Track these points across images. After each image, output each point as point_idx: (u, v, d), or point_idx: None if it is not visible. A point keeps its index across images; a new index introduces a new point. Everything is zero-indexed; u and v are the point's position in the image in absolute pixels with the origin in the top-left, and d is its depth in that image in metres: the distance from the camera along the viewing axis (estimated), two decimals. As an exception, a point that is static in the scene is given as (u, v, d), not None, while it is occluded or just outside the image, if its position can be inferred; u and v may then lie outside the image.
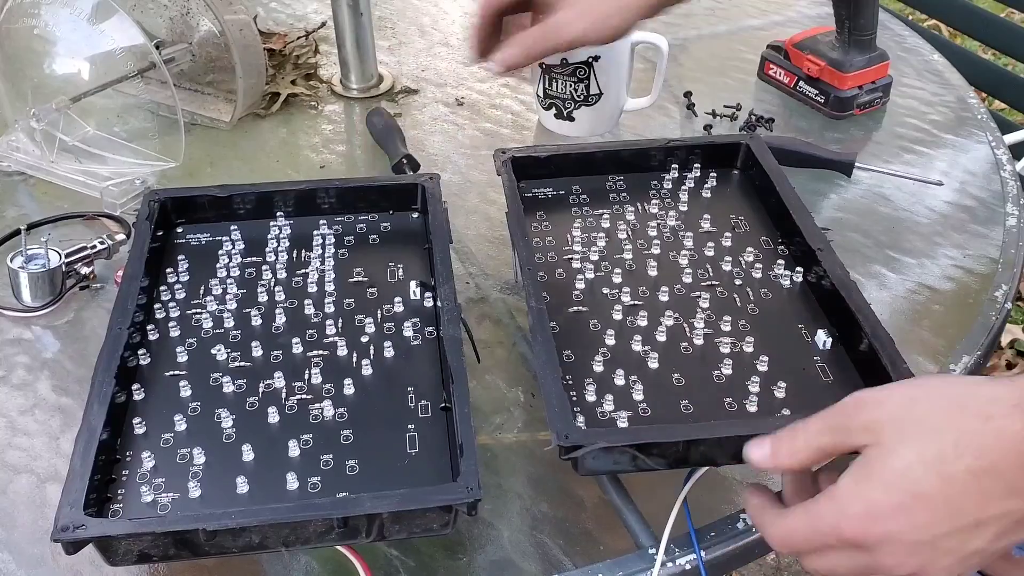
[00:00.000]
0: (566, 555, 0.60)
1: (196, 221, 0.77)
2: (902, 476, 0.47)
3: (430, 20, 1.22)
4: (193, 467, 0.58)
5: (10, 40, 0.92)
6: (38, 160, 0.92)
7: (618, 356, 0.64)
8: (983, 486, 0.46)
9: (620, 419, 0.60)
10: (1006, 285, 0.81)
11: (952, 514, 0.46)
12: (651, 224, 0.75)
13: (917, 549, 0.47)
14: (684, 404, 0.61)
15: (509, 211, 0.74)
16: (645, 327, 0.66)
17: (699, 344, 0.65)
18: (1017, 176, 0.94)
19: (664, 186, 0.80)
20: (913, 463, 0.47)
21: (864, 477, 0.48)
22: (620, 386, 0.62)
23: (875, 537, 0.47)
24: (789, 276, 0.70)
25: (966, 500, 0.46)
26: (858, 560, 0.48)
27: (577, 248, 0.73)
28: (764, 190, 0.78)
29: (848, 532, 0.48)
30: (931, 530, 0.47)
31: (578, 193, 0.79)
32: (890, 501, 0.47)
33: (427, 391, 0.63)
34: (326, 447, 0.59)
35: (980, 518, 0.47)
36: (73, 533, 0.51)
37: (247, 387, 0.63)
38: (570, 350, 0.64)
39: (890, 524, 0.47)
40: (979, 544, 0.47)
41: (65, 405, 0.70)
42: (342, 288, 0.71)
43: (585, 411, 0.60)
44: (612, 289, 0.70)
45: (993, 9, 1.83)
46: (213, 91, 1.04)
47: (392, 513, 0.53)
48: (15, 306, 0.77)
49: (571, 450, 0.55)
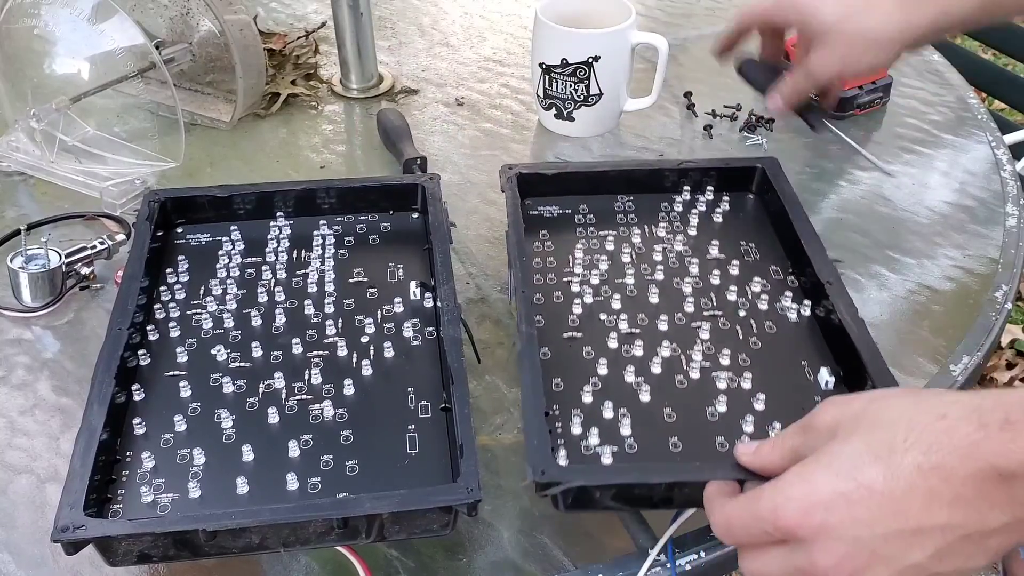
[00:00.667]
0: (566, 556, 0.60)
1: (196, 221, 0.77)
2: (847, 462, 0.45)
3: (430, 20, 1.22)
4: (193, 467, 0.58)
5: (10, 40, 0.92)
6: (38, 160, 0.92)
7: (609, 387, 0.62)
8: (929, 485, 0.44)
9: (604, 455, 0.57)
10: (1006, 285, 0.81)
11: (895, 513, 0.44)
12: (657, 248, 0.73)
13: (855, 550, 0.45)
14: (673, 442, 0.58)
15: (509, 230, 0.72)
16: (640, 357, 0.64)
17: (695, 378, 0.63)
18: (1017, 176, 0.94)
19: (675, 208, 0.78)
20: (861, 451, 0.45)
21: (811, 462, 0.47)
22: (608, 419, 0.60)
23: (812, 528, 0.45)
24: (796, 309, 0.68)
25: (910, 499, 0.44)
26: (792, 559, 0.46)
27: (578, 270, 0.71)
28: (777, 216, 0.76)
29: (784, 518, 0.46)
30: (871, 528, 0.44)
31: (584, 213, 0.77)
32: (832, 487, 0.45)
33: (427, 392, 0.63)
34: (326, 448, 0.59)
35: (923, 524, 0.44)
36: (73, 534, 0.51)
37: (247, 387, 0.63)
38: (560, 378, 0.63)
39: (829, 515, 0.45)
40: (919, 557, 0.45)
41: (65, 405, 0.70)
42: (342, 288, 0.71)
43: (569, 444, 0.58)
44: (610, 315, 0.68)
45: (993, 9, 1.82)
46: (213, 91, 1.04)
47: (392, 514, 0.53)
48: (15, 306, 0.77)
49: (547, 486, 0.53)
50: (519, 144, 0.99)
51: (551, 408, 0.60)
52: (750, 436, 0.58)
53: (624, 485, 0.54)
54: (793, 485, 0.47)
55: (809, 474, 0.46)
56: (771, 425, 0.59)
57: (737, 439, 0.58)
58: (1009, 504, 0.44)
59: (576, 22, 0.94)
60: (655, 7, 1.24)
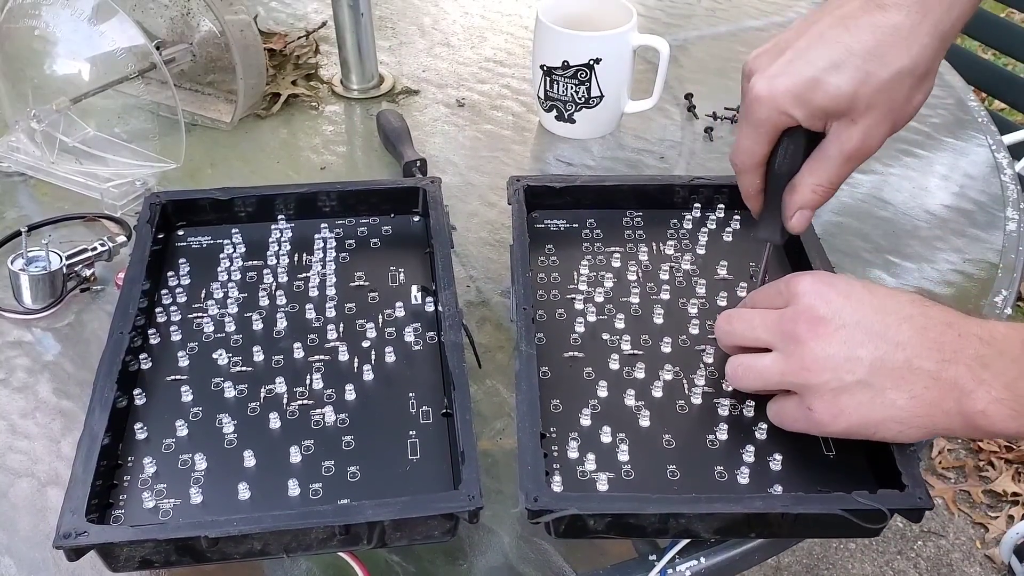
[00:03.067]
0: (567, 561, 0.60)
1: (197, 224, 0.77)
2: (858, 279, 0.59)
3: (431, 20, 1.22)
4: (195, 473, 0.58)
5: (10, 40, 0.92)
6: (38, 161, 0.92)
7: (608, 410, 0.61)
8: (910, 311, 0.55)
9: (600, 481, 0.57)
10: (1006, 290, 0.81)
11: (873, 311, 0.55)
12: (664, 267, 0.72)
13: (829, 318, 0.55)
14: (671, 470, 0.58)
15: (514, 244, 0.71)
16: (642, 380, 0.63)
17: (696, 404, 0.62)
18: (1017, 180, 0.94)
19: (684, 225, 0.76)
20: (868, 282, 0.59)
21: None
22: (606, 444, 0.59)
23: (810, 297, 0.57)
24: None
25: (889, 311, 0.55)
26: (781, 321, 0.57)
27: (582, 287, 0.70)
28: (789, 237, 0.72)
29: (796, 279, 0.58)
30: (852, 314, 0.55)
31: (592, 227, 0.76)
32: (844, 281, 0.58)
33: (428, 397, 0.63)
34: (327, 453, 0.59)
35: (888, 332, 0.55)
36: (75, 540, 0.51)
37: (248, 392, 0.63)
38: (558, 399, 0.62)
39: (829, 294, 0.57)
40: (865, 353, 0.54)
41: (66, 408, 0.70)
42: (343, 292, 0.71)
43: (564, 469, 0.57)
44: (613, 335, 0.66)
45: (993, 9, 1.83)
46: (213, 91, 1.04)
47: (394, 520, 0.53)
48: (16, 308, 0.77)
49: (540, 514, 0.53)
50: (519, 146, 0.99)
51: (548, 431, 0.59)
52: (749, 467, 0.58)
53: (618, 515, 0.54)
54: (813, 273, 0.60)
55: (832, 276, 0.60)
56: (772, 456, 0.58)
57: (736, 469, 0.58)
58: (949, 358, 0.53)
59: (577, 24, 0.94)
60: (656, 8, 1.24)
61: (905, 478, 0.55)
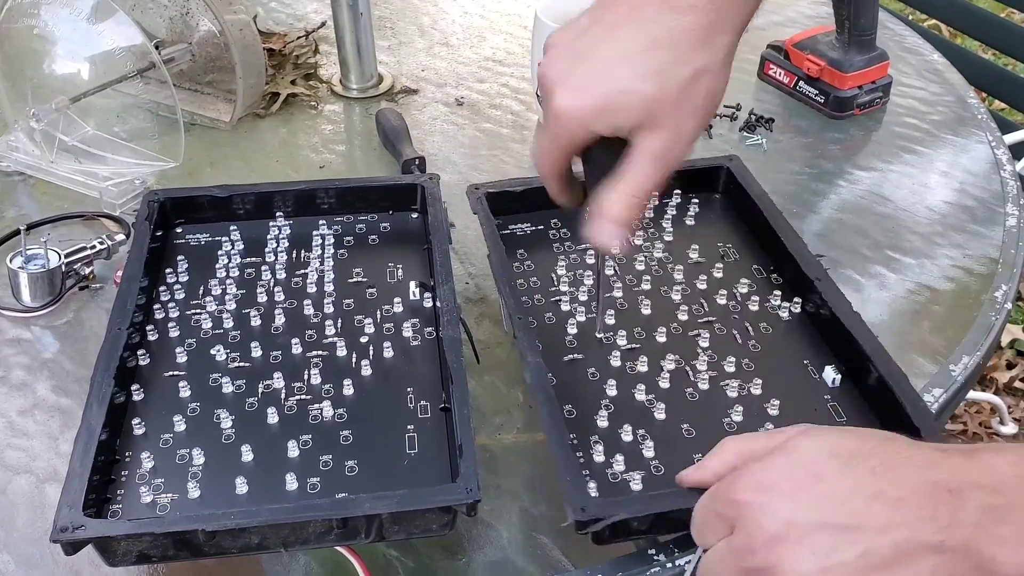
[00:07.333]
0: (565, 556, 0.60)
1: (196, 221, 0.77)
2: (808, 455, 0.46)
3: (430, 20, 1.22)
4: (192, 468, 0.58)
5: (10, 40, 0.92)
6: (38, 160, 0.92)
7: (622, 408, 0.61)
8: (878, 486, 0.44)
9: (633, 481, 0.56)
10: (1006, 285, 0.81)
11: (835, 504, 0.45)
12: (638, 257, 0.72)
13: (786, 532, 0.44)
14: (697, 457, 0.56)
15: (491, 253, 0.70)
16: (646, 373, 0.63)
17: (704, 389, 0.62)
18: (1017, 176, 0.94)
19: (646, 214, 0.77)
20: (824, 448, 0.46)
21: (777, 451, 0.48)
22: (628, 442, 0.59)
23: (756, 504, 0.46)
24: (788, 308, 0.68)
25: (855, 496, 0.44)
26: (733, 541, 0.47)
27: (564, 288, 0.70)
28: (749, 215, 0.75)
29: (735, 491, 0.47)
30: (807, 515, 0.45)
31: (557, 227, 0.76)
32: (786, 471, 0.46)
33: (426, 392, 0.63)
34: (325, 448, 0.59)
35: (859, 521, 0.44)
36: (72, 534, 0.51)
37: (246, 387, 0.63)
38: (571, 404, 0.61)
39: (774, 494, 0.46)
40: (846, 556, 0.43)
41: (64, 405, 0.70)
42: (341, 288, 0.71)
43: (595, 474, 0.57)
44: (606, 332, 0.67)
45: (993, 9, 1.83)
46: (213, 91, 1.04)
47: (391, 514, 0.53)
48: (15, 306, 0.77)
49: (589, 524, 0.52)
50: (518, 144, 0.99)
51: (571, 438, 0.59)
52: None
53: (662, 513, 0.53)
54: (752, 469, 0.47)
55: (770, 459, 0.47)
56: None
57: None
58: (949, 522, 0.43)
59: (576, 22, 0.93)
60: (655, 7, 1.24)
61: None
